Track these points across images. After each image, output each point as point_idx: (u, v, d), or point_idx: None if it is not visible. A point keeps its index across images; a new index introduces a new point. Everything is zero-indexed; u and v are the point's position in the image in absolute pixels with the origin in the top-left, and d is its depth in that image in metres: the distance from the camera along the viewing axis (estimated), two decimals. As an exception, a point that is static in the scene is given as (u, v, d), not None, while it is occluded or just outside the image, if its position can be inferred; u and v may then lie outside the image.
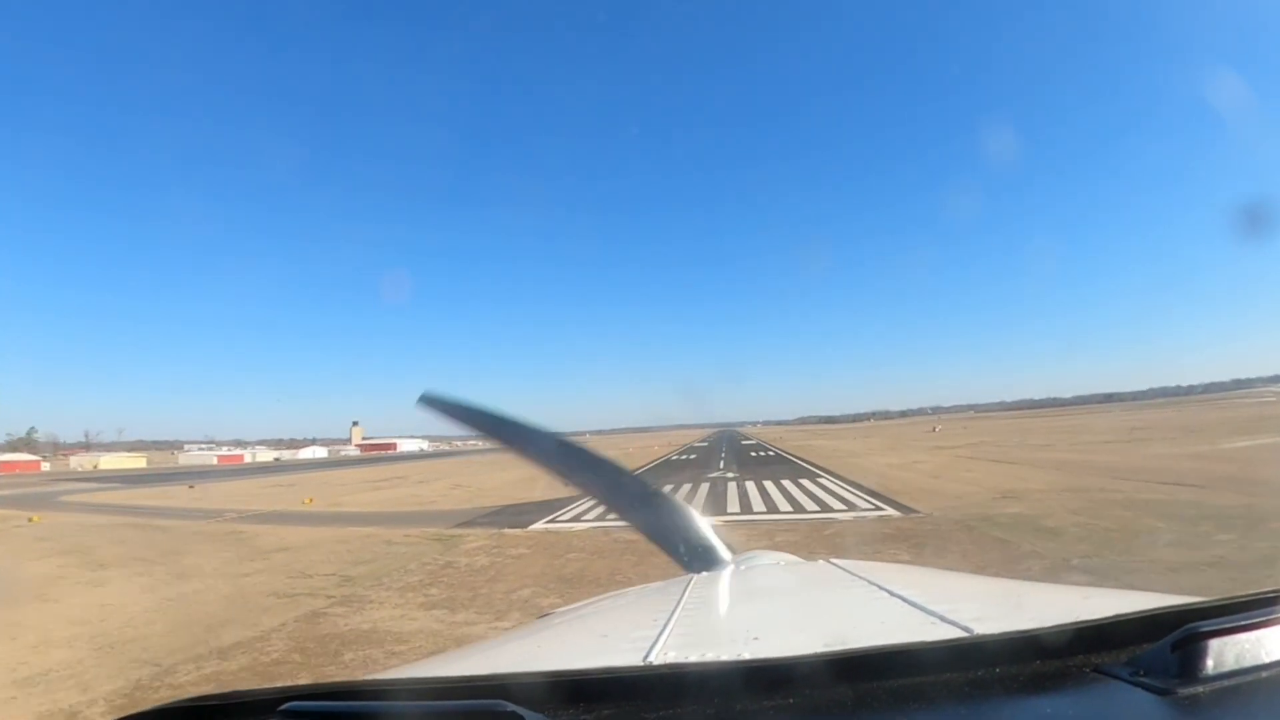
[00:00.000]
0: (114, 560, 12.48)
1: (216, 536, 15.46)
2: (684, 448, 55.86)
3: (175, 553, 13.18)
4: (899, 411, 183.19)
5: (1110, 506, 11.98)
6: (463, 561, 10.81)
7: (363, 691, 0.76)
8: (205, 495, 29.07)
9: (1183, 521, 9.99)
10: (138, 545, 14.50)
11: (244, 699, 0.73)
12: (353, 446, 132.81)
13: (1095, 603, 1.06)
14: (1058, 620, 0.79)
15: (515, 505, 18.54)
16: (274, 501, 23.84)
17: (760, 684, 0.72)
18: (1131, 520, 10.53)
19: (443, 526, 15.13)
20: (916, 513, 13.21)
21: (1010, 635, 0.77)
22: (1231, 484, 13.20)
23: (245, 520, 18.52)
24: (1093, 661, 0.75)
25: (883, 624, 1.07)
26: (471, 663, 1.25)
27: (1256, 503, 10.98)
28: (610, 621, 1.47)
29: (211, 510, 21.76)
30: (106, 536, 16.08)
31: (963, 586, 1.64)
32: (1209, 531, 9.08)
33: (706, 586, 1.59)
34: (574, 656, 1.11)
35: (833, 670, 0.72)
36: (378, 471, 43.86)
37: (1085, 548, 8.87)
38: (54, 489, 39.25)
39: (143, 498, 29.07)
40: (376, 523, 16.64)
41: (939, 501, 14.37)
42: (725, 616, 1.37)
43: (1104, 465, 19.94)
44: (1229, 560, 7.50)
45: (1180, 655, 0.69)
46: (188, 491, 31.60)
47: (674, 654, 0.93)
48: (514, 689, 0.69)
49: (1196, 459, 19.15)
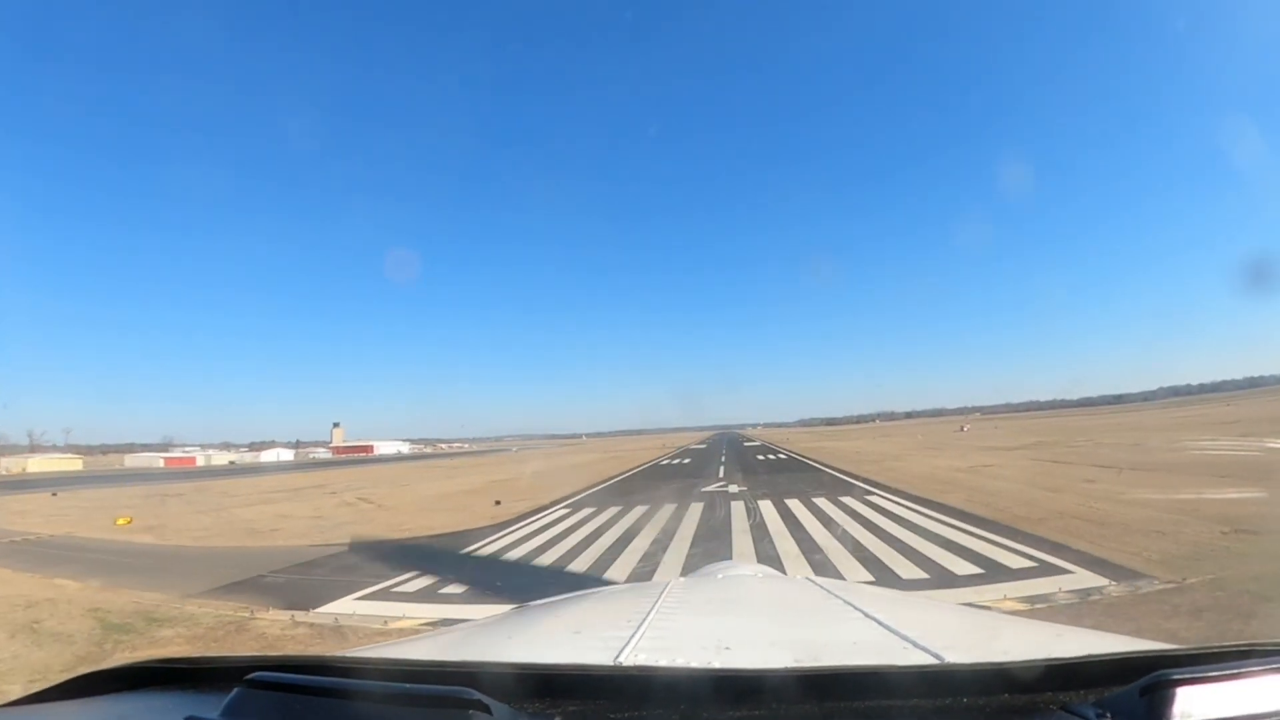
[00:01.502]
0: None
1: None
2: (678, 450, 48.74)
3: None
4: (903, 414, 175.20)
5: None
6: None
7: (331, 667, 0.77)
8: (25, 510, 21.74)
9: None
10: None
11: (213, 665, 0.75)
12: (324, 449, 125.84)
13: (1068, 641, 1.10)
14: (1029, 655, 0.79)
15: (388, 543, 11.46)
16: (81, 522, 16.62)
17: (728, 693, 0.71)
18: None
19: (201, 587, 8.03)
20: (1139, 576, 6.13)
21: (981, 666, 0.76)
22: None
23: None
24: (1060, 699, 0.75)
25: (855, 644, 1.05)
26: (443, 648, 1.26)
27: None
28: (585, 618, 1.46)
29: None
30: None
31: (937, 615, 1.64)
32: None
33: (684, 591, 1.62)
34: (545, 650, 1.11)
35: (801, 686, 0.72)
36: (303, 478, 36.66)
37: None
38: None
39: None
40: (125, 571, 9.53)
41: (1133, 543, 7.35)
42: (700, 623, 1.34)
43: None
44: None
45: (1148, 700, 0.68)
46: (28, 502, 24.30)
47: (645, 656, 0.94)
48: (483, 678, 0.70)
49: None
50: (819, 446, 41.81)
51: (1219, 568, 6.21)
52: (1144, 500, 10.74)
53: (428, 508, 16.98)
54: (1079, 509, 10.26)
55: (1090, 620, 5.21)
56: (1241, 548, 6.99)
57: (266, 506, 19.88)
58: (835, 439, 59.37)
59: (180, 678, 0.75)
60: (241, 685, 0.68)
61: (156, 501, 23.26)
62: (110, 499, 25.53)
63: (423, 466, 45.79)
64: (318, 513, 17.11)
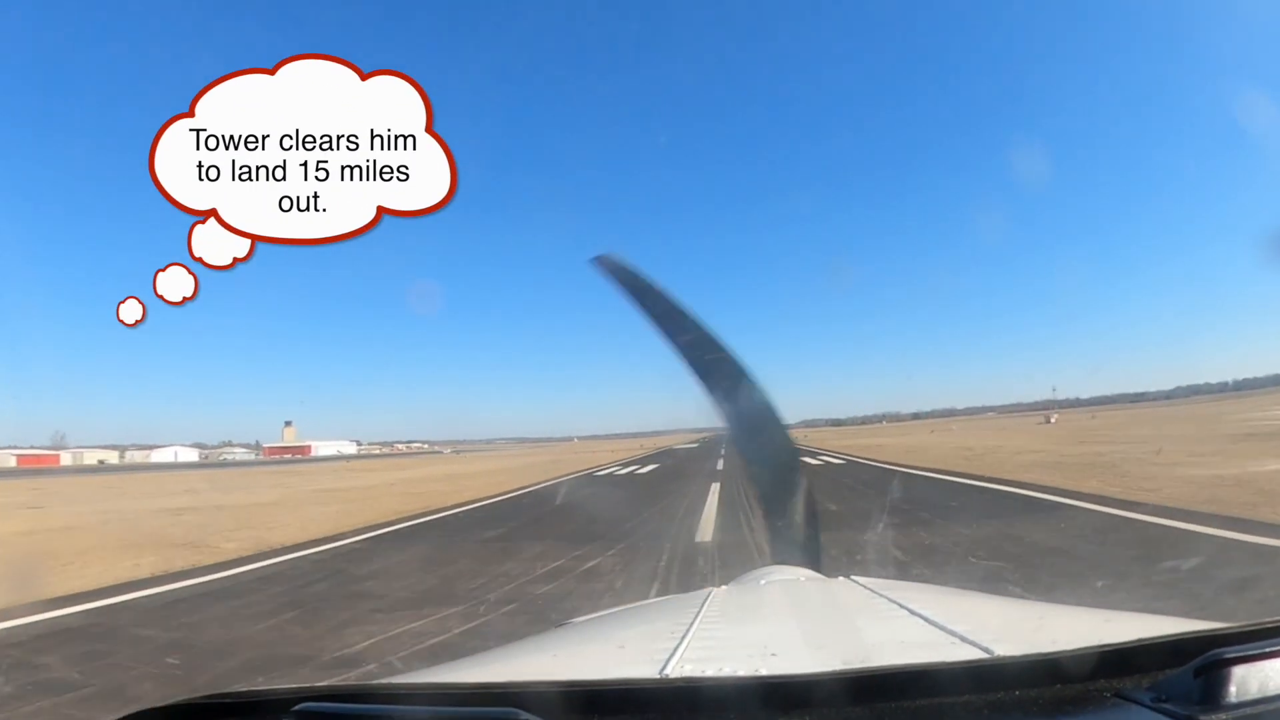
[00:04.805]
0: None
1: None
2: (656, 452, 37.14)
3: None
4: (909, 414, 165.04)
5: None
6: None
7: (378, 695, 0.77)
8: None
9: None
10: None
11: (258, 698, 0.74)
12: (244, 450, 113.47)
13: (1117, 626, 1.06)
14: (1079, 643, 0.76)
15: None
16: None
17: (776, 701, 0.70)
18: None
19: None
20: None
21: (1031, 658, 0.74)
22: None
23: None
24: (1114, 686, 0.73)
25: (902, 644, 1.00)
26: (487, 670, 1.18)
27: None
28: (628, 632, 1.41)
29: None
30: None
31: (984, 607, 1.55)
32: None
33: (726, 600, 1.54)
34: (590, 667, 1.09)
35: (850, 689, 0.70)
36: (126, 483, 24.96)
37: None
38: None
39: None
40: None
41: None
42: (744, 631, 1.30)
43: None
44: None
45: (1203, 681, 0.66)
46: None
47: (690, 668, 0.89)
48: (528, 698, 0.69)
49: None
50: (872, 445, 28.36)
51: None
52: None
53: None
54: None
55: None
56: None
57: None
58: (880, 437, 46.83)
59: (226, 713, 0.73)
60: (289, 718, 0.67)
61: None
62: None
63: (323, 470, 36.51)
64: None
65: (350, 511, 12.27)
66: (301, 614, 4.90)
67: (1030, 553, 5.62)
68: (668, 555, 6.48)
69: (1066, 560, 5.33)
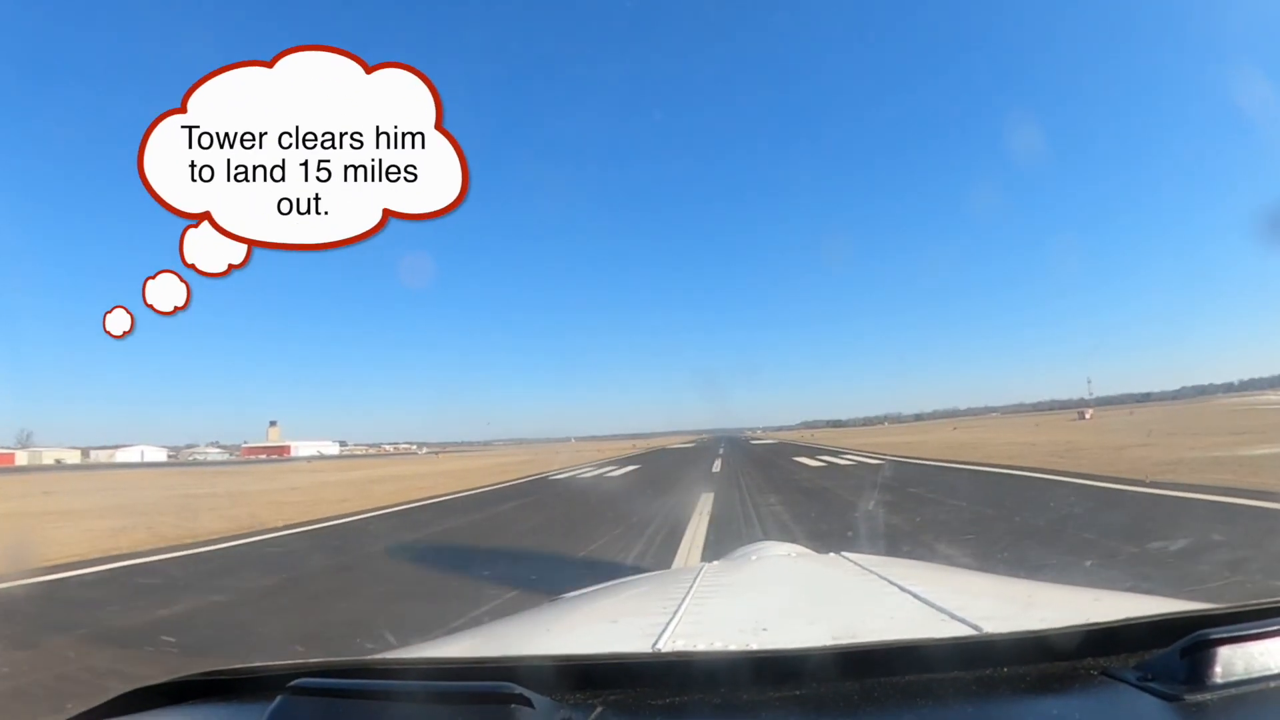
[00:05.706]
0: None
1: None
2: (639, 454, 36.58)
3: None
4: (911, 415, 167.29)
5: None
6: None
7: (372, 670, 0.77)
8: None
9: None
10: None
11: (254, 674, 0.74)
12: (216, 449, 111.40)
13: (1106, 605, 1.05)
14: (1067, 621, 0.78)
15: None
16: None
17: (767, 675, 0.71)
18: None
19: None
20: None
21: (1019, 635, 0.76)
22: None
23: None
24: (1101, 664, 0.74)
25: (892, 619, 1.03)
26: (481, 644, 1.24)
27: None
28: (621, 607, 1.45)
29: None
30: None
31: (973, 584, 1.59)
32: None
33: (718, 575, 1.56)
34: (583, 641, 1.10)
35: (840, 664, 0.72)
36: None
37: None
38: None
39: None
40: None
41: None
42: (735, 606, 1.30)
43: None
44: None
45: (1189, 661, 0.67)
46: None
47: (683, 642, 0.91)
48: (522, 671, 0.69)
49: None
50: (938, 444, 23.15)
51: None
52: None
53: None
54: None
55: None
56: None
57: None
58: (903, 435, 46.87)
59: (222, 689, 0.75)
60: (284, 693, 0.67)
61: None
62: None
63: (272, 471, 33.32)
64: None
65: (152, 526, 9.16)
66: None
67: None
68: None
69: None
